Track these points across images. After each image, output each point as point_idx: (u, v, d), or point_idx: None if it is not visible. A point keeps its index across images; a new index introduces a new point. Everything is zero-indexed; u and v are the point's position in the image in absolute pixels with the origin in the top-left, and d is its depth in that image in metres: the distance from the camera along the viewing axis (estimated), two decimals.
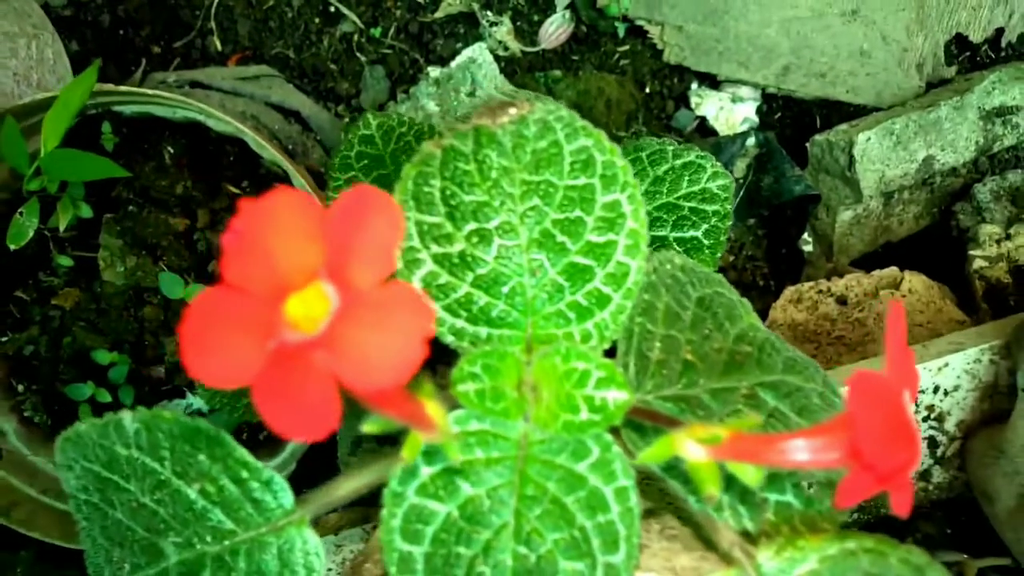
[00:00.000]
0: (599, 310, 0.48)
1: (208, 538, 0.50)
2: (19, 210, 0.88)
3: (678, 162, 0.74)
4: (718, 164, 0.75)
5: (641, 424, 0.48)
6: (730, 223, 0.74)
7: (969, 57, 1.26)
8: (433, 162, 0.47)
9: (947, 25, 1.23)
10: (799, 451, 0.38)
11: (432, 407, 0.40)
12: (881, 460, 0.36)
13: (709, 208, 0.73)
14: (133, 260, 0.93)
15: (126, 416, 0.51)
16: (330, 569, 0.77)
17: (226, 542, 0.50)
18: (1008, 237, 1.11)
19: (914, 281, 1.08)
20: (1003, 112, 1.18)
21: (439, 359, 0.50)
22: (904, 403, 0.37)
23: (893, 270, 1.09)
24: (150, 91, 0.88)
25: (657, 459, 0.42)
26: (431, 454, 0.45)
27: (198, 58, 1.21)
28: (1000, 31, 1.24)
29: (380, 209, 0.33)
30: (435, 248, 0.47)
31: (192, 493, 0.50)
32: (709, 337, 0.52)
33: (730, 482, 0.47)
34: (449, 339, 0.47)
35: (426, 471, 0.45)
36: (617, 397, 0.44)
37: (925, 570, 0.47)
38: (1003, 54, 1.25)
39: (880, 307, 1.05)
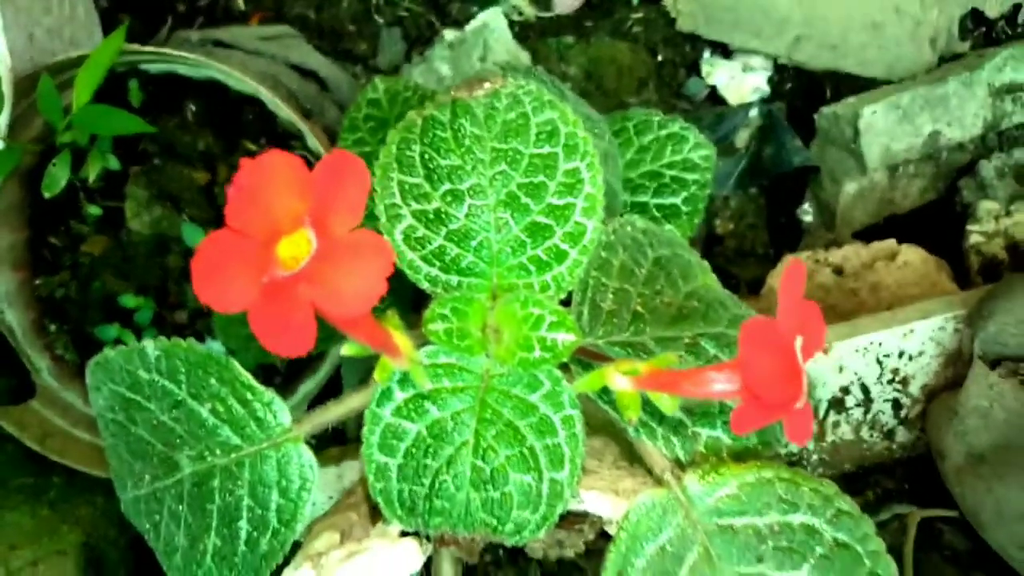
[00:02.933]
0: (557, 264, 0.58)
1: (218, 451, 0.61)
2: (52, 161, 0.99)
3: (663, 132, 0.83)
4: (700, 136, 0.83)
5: (591, 364, 0.58)
6: (709, 191, 0.83)
7: (984, 33, 1.31)
8: (415, 129, 0.57)
9: None
10: (704, 383, 0.47)
11: (400, 337, 0.50)
12: (766, 393, 0.45)
13: (689, 177, 0.82)
14: (158, 211, 1.04)
15: (148, 344, 0.62)
16: (331, 497, 0.89)
17: (233, 455, 0.61)
18: (1008, 214, 1.17)
19: (910, 254, 1.15)
20: (1013, 89, 1.23)
21: (421, 302, 0.60)
22: (793, 347, 0.46)
23: (891, 242, 1.16)
24: (174, 51, 0.98)
25: (590, 388, 0.52)
26: (405, 382, 0.56)
27: (221, 16, 1.31)
28: (1017, 7, 1.28)
29: (354, 171, 0.42)
30: (414, 205, 0.57)
31: (204, 412, 0.61)
32: (660, 292, 0.62)
33: (664, 417, 0.57)
34: (424, 285, 0.57)
35: (400, 396, 0.56)
36: (566, 339, 0.54)
37: (833, 499, 0.56)
38: (1020, 30, 1.30)
39: (872, 278, 1.12)
